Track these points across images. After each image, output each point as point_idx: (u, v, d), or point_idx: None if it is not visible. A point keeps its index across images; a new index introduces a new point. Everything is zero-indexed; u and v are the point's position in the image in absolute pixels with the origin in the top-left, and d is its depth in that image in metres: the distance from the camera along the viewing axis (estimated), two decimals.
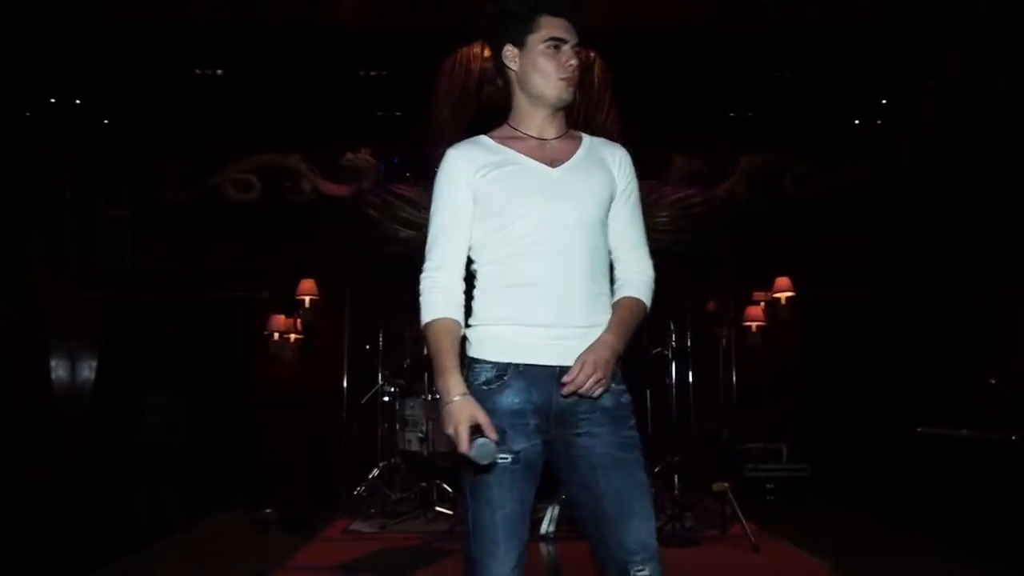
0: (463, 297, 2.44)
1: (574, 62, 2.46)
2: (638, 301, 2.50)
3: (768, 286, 8.20)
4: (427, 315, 2.41)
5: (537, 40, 2.46)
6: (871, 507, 6.94)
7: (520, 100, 2.55)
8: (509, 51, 2.50)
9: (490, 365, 2.41)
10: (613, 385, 2.40)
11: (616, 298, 2.50)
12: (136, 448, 7.81)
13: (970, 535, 5.46)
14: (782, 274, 8.15)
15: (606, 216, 2.51)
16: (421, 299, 2.43)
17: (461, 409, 2.27)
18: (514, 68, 2.51)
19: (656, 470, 6.52)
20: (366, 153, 8.29)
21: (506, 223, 2.42)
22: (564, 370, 2.34)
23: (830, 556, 5.30)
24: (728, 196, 8.36)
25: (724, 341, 7.84)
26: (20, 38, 8.32)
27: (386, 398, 7.00)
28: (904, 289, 8.06)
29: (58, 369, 7.93)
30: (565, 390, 2.33)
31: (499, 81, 2.71)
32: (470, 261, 2.50)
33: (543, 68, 2.46)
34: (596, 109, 7.99)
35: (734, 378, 7.67)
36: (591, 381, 2.30)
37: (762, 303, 8.20)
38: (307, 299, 7.83)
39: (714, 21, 8.42)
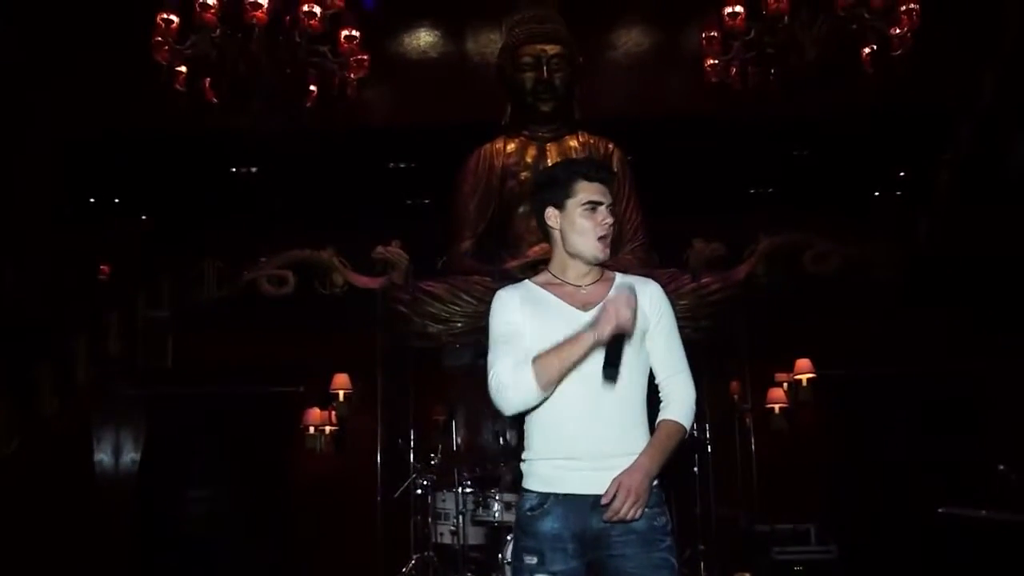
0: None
1: (609, 220, 2.74)
2: (677, 425, 2.71)
3: (789, 366, 8.31)
4: (526, 384, 2.58)
5: (576, 204, 2.75)
6: None
7: (560, 253, 2.84)
8: (551, 212, 2.80)
9: (534, 495, 2.67)
10: (647, 509, 2.60)
11: (659, 419, 2.73)
12: (178, 538, 8.04)
13: None
14: (803, 354, 8.26)
15: (640, 349, 2.74)
16: (509, 389, 2.62)
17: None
18: (555, 227, 2.80)
19: (685, 557, 6.67)
20: (396, 246, 8.49)
21: None
22: (599, 498, 2.55)
23: None
24: (747, 278, 8.47)
25: (748, 421, 7.94)
26: (59, 143, 8.72)
27: (419, 491, 7.16)
28: (925, 366, 8.14)
29: (102, 464, 8.18)
30: (605, 516, 2.53)
31: (543, 238, 3.01)
32: None
33: (581, 227, 2.74)
34: (616, 200, 8.17)
35: (757, 462, 7.74)
36: (627, 505, 2.51)
37: (784, 384, 8.31)
38: (341, 393, 8.04)
39: (729, 108, 8.65)
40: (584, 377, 2.64)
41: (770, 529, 7.47)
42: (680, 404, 2.75)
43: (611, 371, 2.57)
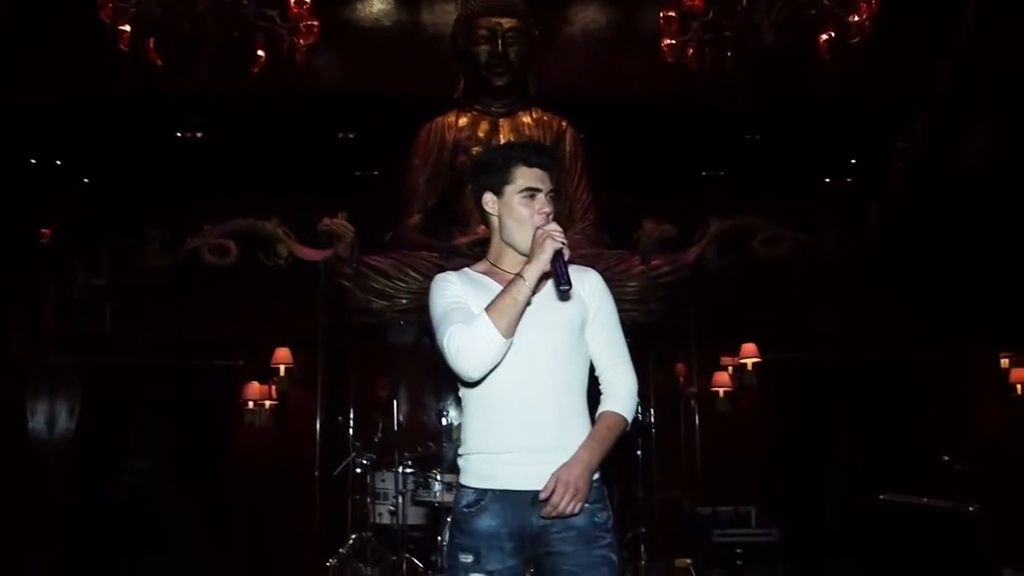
0: None
1: (548, 209, 2.63)
2: (618, 416, 2.63)
3: (736, 350, 8.30)
4: (484, 331, 2.44)
5: (513, 190, 2.64)
6: (838, 573, 7.03)
7: (497, 240, 2.74)
8: (488, 198, 2.70)
9: (471, 491, 2.57)
10: (588, 504, 2.52)
11: (600, 410, 2.65)
12: (113, 510, 7.87)
13: None
14: (749, 338, 8.27)
15: (580, 339, 2.66)
16: (468, 344, 2.45)
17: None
18: (493, 213, 2.71)
19: (625, 540, 6.66)
20: (343, 218, 8.31)
21: None
22: (538, 494, 2.47)
23: None
24: (696, 261, 8.41)
25: (693, 404, 7.93)
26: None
27: (358, 470, 7.01)
28: (871, 354, 8.17)
29: (35, 433, 7.98)
30: (544, 511, 2.46)
31: (481, 223, 2.89)
32: (456, 388, 2.67)
33: (519, 215, 2.64)
34: (567, 178, 8.11)
35: (701, 445, 7.73)
36: (566, 500, 2.43)
37: (729, 368, 8.31)
38: (282, 367, 7.90)
39: (685, 89, 8.56)
40: (519, 369, 2.55)
41: (711, 511, 7.48)
42: (622, 395, 2.67)
43: (565, 289, 2.51)
